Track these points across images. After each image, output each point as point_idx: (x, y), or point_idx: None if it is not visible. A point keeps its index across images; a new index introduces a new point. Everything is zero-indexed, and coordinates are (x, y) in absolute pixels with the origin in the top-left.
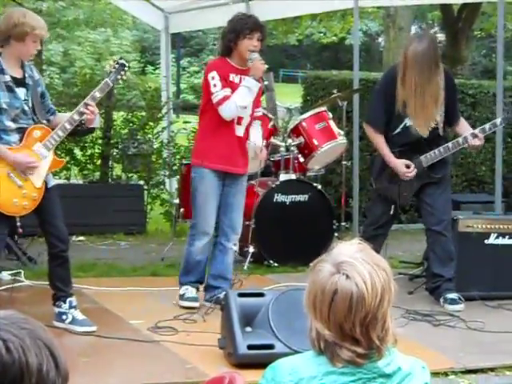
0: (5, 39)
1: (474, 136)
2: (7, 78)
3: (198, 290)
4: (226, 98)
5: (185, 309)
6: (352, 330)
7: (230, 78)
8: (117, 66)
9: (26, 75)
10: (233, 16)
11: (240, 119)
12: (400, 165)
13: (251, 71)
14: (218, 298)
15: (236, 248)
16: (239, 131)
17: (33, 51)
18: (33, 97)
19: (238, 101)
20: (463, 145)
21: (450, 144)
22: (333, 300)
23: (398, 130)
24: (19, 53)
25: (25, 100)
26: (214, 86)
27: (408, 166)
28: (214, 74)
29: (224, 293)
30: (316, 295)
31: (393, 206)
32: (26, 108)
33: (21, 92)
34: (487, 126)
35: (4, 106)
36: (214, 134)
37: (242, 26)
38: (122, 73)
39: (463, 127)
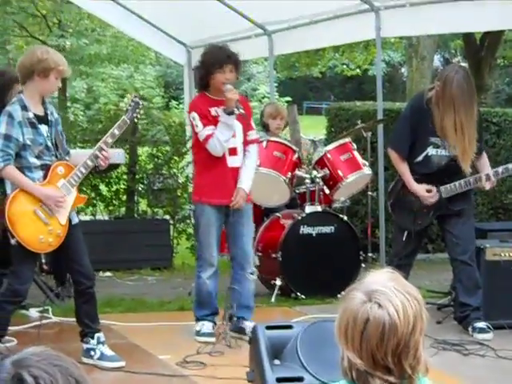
0: (28, 75)
1: (488, 178)
2: (30, 114)
3: (215, 323)
4: (209, 137)
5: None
6: (384, 359)
7: (213, 113)
8: (132, 103)
9: (48, 112)
10: (205, 49)
11: (233, 150)
12: (421, 189)
13: (226, 104)
14: (241, 328)
15: (254, 276)
16: (234, 162)
17: (55, 88)
18: (54, 134)
19: (219, 137)
20: (477, 183)
21: (471, 179)
22: (365, 329)
23: (420, 158)
24: (42, 89)
25: (47, 137)
26: (197, 126)
27: (429, 191)
28: (193, 115)
29: (248, 322)
30: (348, 324)
31: (405, 233)
32: (50, 144)
33: (43, 129)
34: (500, 169)
35: (28, 142)
36: (208, 169)
37: (213, 61)
38: (138, 110)
39: (482, 163)
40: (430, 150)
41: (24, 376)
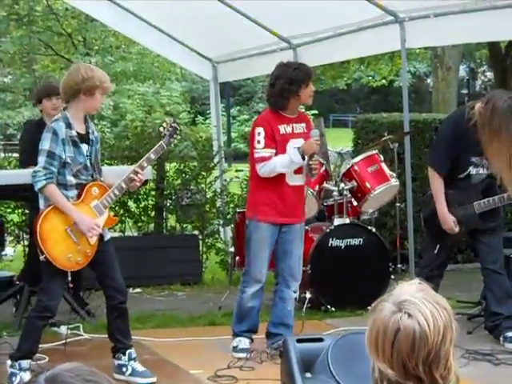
0: (73, 94)
1: None
2: (73, 132)
3: (252, 340)
4: (264, 159)
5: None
6: (415, 369)
7: (282, 131)
8: (170, 128)
9: (90, 131)
10: (281, 67)
11: (298, 169)
12: (449, 219)
13: (304, 147)
14: (279, 345)
15: (296, 295)
16: (296, 180)
17: (100, 105)
18: (94, 153)
19: (277, 166)
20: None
21: (505, 195)
22: (395, 339)
23: (462, 176)
24: (87, 107)
25: (88, 156)
26: (258, 142)
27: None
28: (260, 129)
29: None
30: (378, 334)
31: (438, 247)
32: (89, 164)
33: (84, 148)
34: None
35: (68, 160)
36: (265, 186)
37: (302, 77)
38: (175, 136)
39: None
40: (472, 169)
41: None
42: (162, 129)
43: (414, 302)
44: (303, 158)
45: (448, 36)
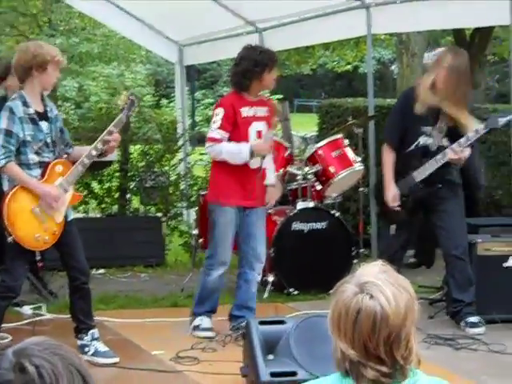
0: (26, 72)
1: (452, 150)
2: (31, 110)
3: (210, 318)
4: (214, 140)
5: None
6: (376, 349)
7: (244, 114)
8: (128, 101)
9: (48, 109)
10: (248, 49)
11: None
12: (389, 191)
13: (257, 147)
14: (242, 327)
15: (259, 278)
16: (256, 163)
17: (54, 79)
18: (54, 130)
19: (224, 152)
20: (445, 158)
21: (438, 156)
22: (357, 319)
23: (412, 147)
24: (42, 83)
25: (47, 133)
26: (214, 122)
27: (395, 198)
28: (219, 110)
29: (245, 321)
30: (340, 315)
31: (393, 227)
32: (49, 141)
33: (43, 125)
34: (462, 140)
35: (28, 138)
36: (228, 169)
37: (267, 61)
38: (133, 109)
39: None
40: (421, 140)
41: (26, 365)
42: (120, 102)
43: (376, 284)
44: (251, 156)
45: (414, 22)
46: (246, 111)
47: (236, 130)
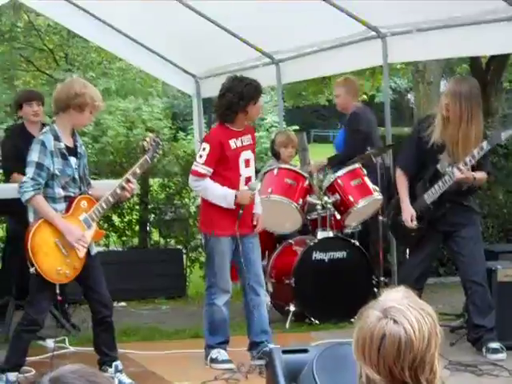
0: (64, 107)
1: (459, 169)
2: (62, 145)
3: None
4: (200, 175)
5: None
6: (401, 374)
7: (233, 146)
8: (153, 143)
9: (77, 144)
10: (233, 80)
11: (248, 179)
12: (407, 211)
13: (240, 196)
14: (265, 353)
15: (268, 299)
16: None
17: (88, 122)
18: (82, 166)
19: (210, 194)
20: (453, 178)
21: (446, 177)
22: (381, 344)
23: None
24: (75, 122)
25: (76, 168)
26: (200, 156)
27: (412, 219)
28: (206, 145)
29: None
30: (365, 340)
31: (407, 251)
32: (76, 176)
33: (72, 160)
34: (467, 158)
35: (57, 172)
36: None
37: (252, 93)
38: (158, 150)
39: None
40: (439, 166)
41: None
42: (145, 143)
43: (400, 309)
44: (234, 204)
45: (430, 51)
46: (233, 143)
47: (226, 162)
